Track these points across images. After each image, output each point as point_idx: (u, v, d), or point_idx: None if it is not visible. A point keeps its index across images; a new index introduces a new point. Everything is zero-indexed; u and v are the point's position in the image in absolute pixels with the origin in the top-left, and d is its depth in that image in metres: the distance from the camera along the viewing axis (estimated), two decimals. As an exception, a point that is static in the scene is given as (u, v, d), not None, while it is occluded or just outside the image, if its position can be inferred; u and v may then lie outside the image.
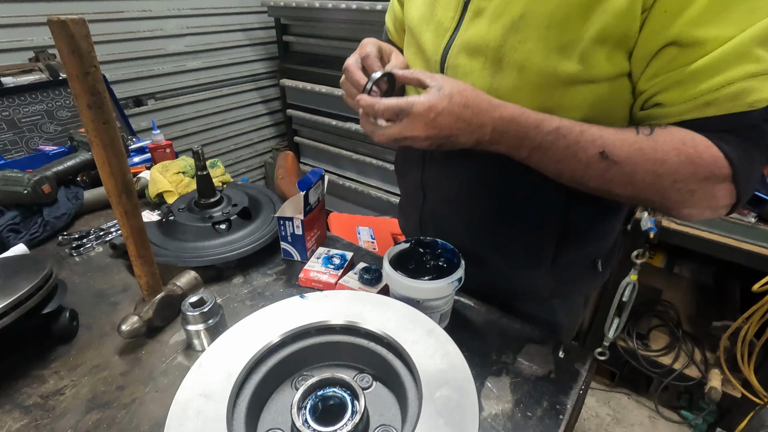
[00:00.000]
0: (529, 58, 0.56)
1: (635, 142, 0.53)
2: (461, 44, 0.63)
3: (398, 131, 0.55)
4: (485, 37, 0.59)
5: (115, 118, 0.57)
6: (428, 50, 0.68)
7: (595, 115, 0.58)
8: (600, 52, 0.53)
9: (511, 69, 0.58)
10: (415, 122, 0.54)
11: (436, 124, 0.54)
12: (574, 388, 0.61)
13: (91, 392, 0.60)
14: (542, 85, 0.57)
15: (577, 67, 0.54)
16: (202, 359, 0.50)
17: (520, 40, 0.56)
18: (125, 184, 0.60)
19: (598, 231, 0.75)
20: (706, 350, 1.68)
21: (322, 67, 2.39)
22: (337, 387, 0.49)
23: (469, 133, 0.55)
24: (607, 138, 0.54)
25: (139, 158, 1.26)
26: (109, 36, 2.01)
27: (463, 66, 0.63)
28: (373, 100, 0.56)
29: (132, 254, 0.65)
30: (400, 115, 0.54)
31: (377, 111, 0.56)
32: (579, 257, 0.77)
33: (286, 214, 0.85)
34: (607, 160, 0.54)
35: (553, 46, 0.55)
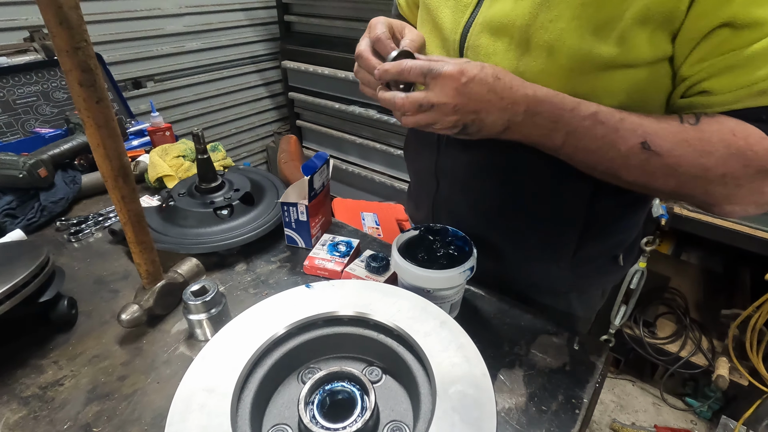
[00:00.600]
0: (561, 39, 0.51)
1: (680, 132, 0.49)
2: (484, 22, 0.57)
3: (424, 96, 0.49)
4: (511, 14, 0.54)
5: (108, 97, 0.54)
6: (446, 28, 0.63)
7: (630, 103, 0.53)
8: (641, 34, 0.48)
9: (539, 51, 0.53)
10: (445, 86, 0.48)
11: (467, 91, 0.48)
12: (591, 382, 0.59)
13: (91, 383, 0.58)
14: (574, 69, 0.52)
15: (614, 50, 0.49)
16: (205, 351, 0.48)
17: (550, 19, 0.51)
18: (122, 167, 0.57)
19: (621, 224, 0.72)
20: (713, 338, 1.66)
21: (325, 48, 2.33)
22: (346, 381, 0.47)
23: (500, 109, 0.50)
24: (649, 127, 0.49)
25: (138, 141, 1.23)
26: (105, 15, 1.96)
27: (486, 47, 0.58)
28: (398, 63, 0.51)
29: (131, 241, 0.62)
30: (429, 76, 0.49)
31: (403, 69, 0.50)
32: (601, 251, 0.74)
33: (290, 199, 0.82)
34: (648, 151, 0.49)
35: (588, 25, 0.49)
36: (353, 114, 2.33)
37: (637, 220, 0.75)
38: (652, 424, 1.68)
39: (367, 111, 2.26)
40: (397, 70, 0.51)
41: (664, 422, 1.69)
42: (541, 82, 0.53)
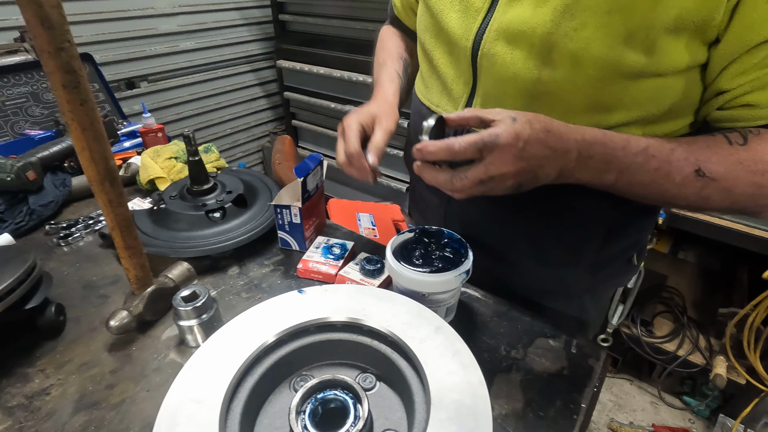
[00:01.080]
0: (587, 48, 0.49)
1: (732, 154, 0.49)
2: (499, 29, 0.55)
3: (484, 171, 0.47)
4: (530, 21, 0.51)
5: (94, 99, 0.52)
6: (455, 34, 0.60)
7: (656, 113, 0.53)
8: (672, 42, 0.47)
9: (563, 60, 0.51)
10: (504, 155, 0.46)
11: (525, 155, 0.46)
12: (589, 386, 0.58)
13: (78, 391, 0.57)
14: (601, 78, 0.50)
15: (644, 59, 0.48)
16: (193, 360, 0.46)
17: (575, 27, 0.49)
18: (108, 170, 0.55)
19: (638, 226, 0.72)
20: (710, 337, 1.66)
21: (321, 48, 2.32)
22: (339, 389, 0.46)
23: (554, 161, 0.48)
24: (701, 153, 0.49)
25: (129, 143, 1.21)
26: (97, 15, 1.93)
27: (503, 55, 0.55)
28: (447, 141, 0.48)
29: (119, 246, 0.61)
30: (485, 150, 0.47)
31: (456, 151, 0.47)
32: (619, 253, 0.73)
33: (283, 201, 0.80)
34: (703, 178, 0.49)
35: (616, 34, 0.48)
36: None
37: (652, 221, 0.75)
38: (650, 423, 1.67)
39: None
40: (450, 153, 0.48)
41: (662, 421, 1.69)
42: (566, 93, 0.52)
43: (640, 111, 0.53)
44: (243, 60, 2.62)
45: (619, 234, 0.70)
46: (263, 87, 2.80)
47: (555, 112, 0.55)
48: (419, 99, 0.75)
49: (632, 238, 0.73)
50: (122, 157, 1.09)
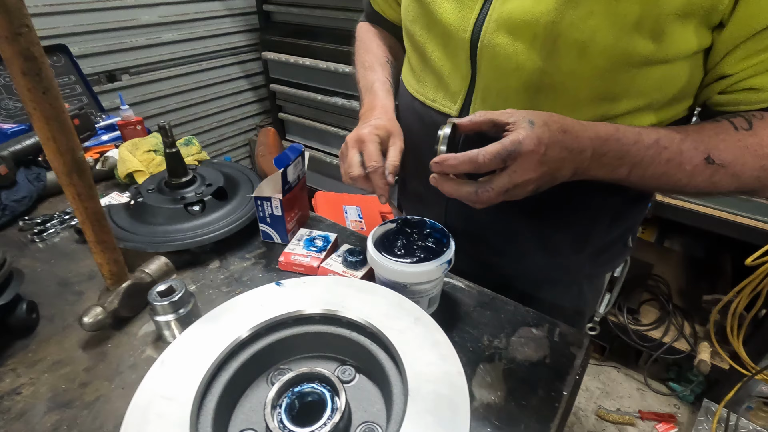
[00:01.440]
0: (594, 38, 0.48)
1: (739, 140, 0.49)
2: (500, 19, 0.53)
3: (508, 180, 0.47)
4: (533, 11, 0.50)
5: (57, 87, 0.50)
6: (450, 25, 0.58)
7: (661, 98, 0.53)
8: (680, 28, 0.47)
9: (569, 49, 0.50)
10: (527, 162, 0.46)
11: (546, 159, 0.46)
12: (571, 374, 0.58)
13: (51, 390, 0.55)
14: (609, 68, 0.50)
15: (652, 46, 0.47)
16: (165, 356, 0.45)
17: (581, 16, 0.48)
18: (75, 162, 0.53)
19: (638, 209, 0.73)
20: (695, 323, 1.68)
21: (306, 39, 2.28)
22: (316, 382, 0.45)
23: (570, 161, 0.48)
24: (710, 141, 0.50)
25: (107, 136, 1.18)
26: (74, 5, 1.87)
27: (504, 46, 0.53)
28: (469, 154, 0.47)
29: (90, 240, 0.59)
30: (509, 159, 0.46)
31: (481, 164, 0.46)
32: (616, 237, 0.74)
33: (264, 193, 0.79)
34: (713, 165, 0.50)
35: (624, 21, 0.47)
36: (336, 105, 2.29)
37: (647, 203, 0.76)
38: (637, 409, 1.70)
39: (350, 102, 2.22)
40: (474, 165, 0.47)
41: (648, 407, 1.71)
42: (571, 84, 0.51)
43: (646, 99, 0.53)
44: (227, 52, 2.57)
45: (621, 219, 0.71)
46: (249, 79, 2.75)
47: (560, 104, 0.55)
48: (411, 94, 0.72)
49: (631, 220, 0.74)
50: (100, 151, 1.06)
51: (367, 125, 0.64)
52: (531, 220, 0.69)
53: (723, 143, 0.50)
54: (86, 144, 1.12)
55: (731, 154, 0.50)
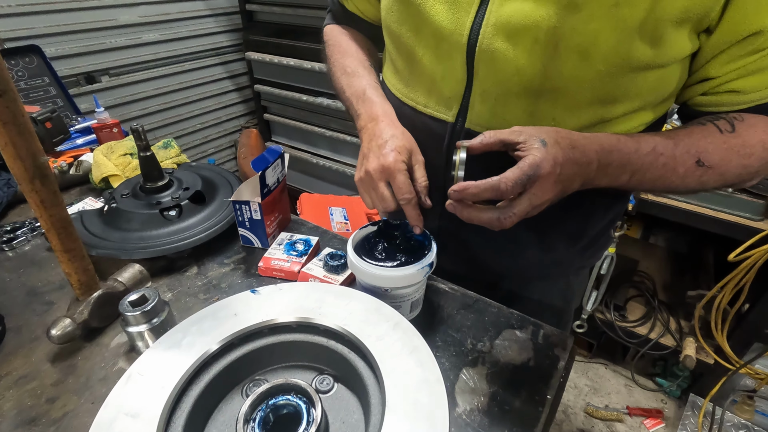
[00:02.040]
0: (596, 42, 0.48)
1: (724, 142, 0.52)
2: (498, 24, 0.52)
3: (528, 203, 0.47)
4: (532, 15, 0.49)
5: (15, 89, 0.47)
6: (443, 28, 0.56)
7: (652, 100, 0.55)
8: (676, 33, 0.48)
9: (570, 54, 0.50)
10: (545, 184, 0.46)
11: (561, 178, 0.47)
12: (555, 376, 0.57)
13: (15, 407, 0.53)
14: (610, 72, 0.50)
15: (651, 51, 0.49)
16: (132, 370, 0.43)
17: (582, 20, 0.48)
18: (37, 167, 0.51)
19: (620, 201, 0.74)
20: (680, 319, 1.70)
21: (290, 39, 2.25)
22: (292, 394, 0.43)
23: (580, 175, 0.49)
24: (699, 144, 0.52)
25: (82, 140, 1.14)
26: (49, 5, 1.82)
27: (504, 51, 0.53)
28: (491, 182, 0.46)
29: (57, 249, 0.57)
30: (528, 184, 0.46)
31: (503, 191, 0.46)
32: (603, 228, 0.75)
33: (243, 197, 0.77)
34: (702, 167, 0.53)
35: (624, 26, 0.47)
36: (321, 106, 2.27)
37: (629, 195, 0.78)
38: (625, 405, 1.71)
39: (336, 102, 2.20)
40: (496, 193, 0.46)
41: (636, 403, 1.73)
42: (573, 87, 0.52)
43: (641, 101, 0.55)
44: (211, 52, 2.53)
45: (610, 210, 0.72)
46: (233, 80, 2.71)
47: (559, 107, 0.56)
48: (399, 98, 0.70)
49: (617, 209, 0.75)
50: (74, 155, 1.03)
51: (386, 149, 0.58)
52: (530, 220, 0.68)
53: (711, 146, 0.53)
54: (60, 147, 1.08)
55: (718, 156, 0.53)
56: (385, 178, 0.57)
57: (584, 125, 0.57)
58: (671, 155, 0.52)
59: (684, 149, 0.53)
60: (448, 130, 0.63)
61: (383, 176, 0.57)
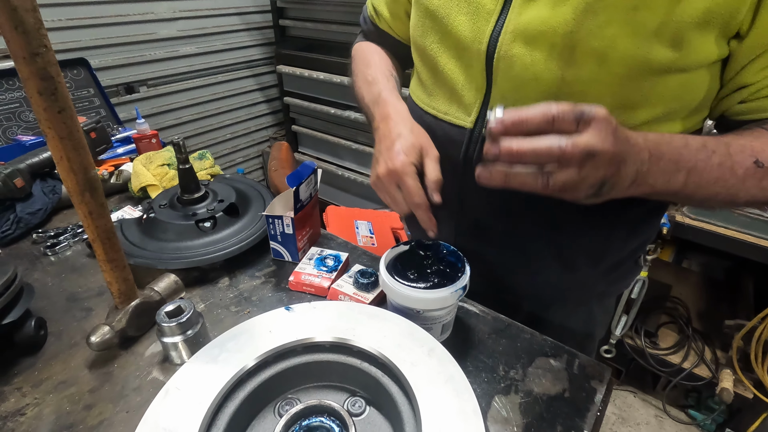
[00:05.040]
0: (614, 46, 0.48)
1: None
2: (516, 30, 0.53)
3: (589, 141, 0.39)
4: (550, 21, 0.50)
5: (72, 107, 0.50)
6: (465, 37, 0.57)
7: (679, 108, 0.52)
8: (700, 36, 0.46)
9: (588, 58, 0.49)
10: (602, 130, 0.40)
11: (619, 137, 0.41)
12: (591, 410, 0.55)
13: (54, 412, 0.54)
14: (628, 76, 0.49)
15: (671, 54, 0.47)
16: (170, 385, 0.44)
17: (599, 25, 0.47)
18: (88, 180, 0.53)
19: (651, 223, 0.71)
20: (716, 349, 1.62)
21: (321, 53, 2.30)
22: (325, 416, 0.43)
23: (633, 157, 0.44)
24: (754, 145, 0.49)
25: (123, 149, 1.19)
26: (96, 20, 1.92)
27: (522, 57, 0.53)
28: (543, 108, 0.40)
29: (100, 259, 0.58)
30: (582, 121, 0.40)
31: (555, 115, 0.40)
32: (630, 253, 0.72)
33: (276, 211, 0.78)
34: (762, 169, 0.49)
35: (642, 30, 0.46)
36: (349, 119, 2.30)
37: (658, 222, 0.74)
38: (655, 437, 1.63)
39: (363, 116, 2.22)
40: (545, 118, 0.40)
41: (666, 435, 1.65)
42: (592, 92, 0.51)
43: (664, 108, 0.53)
44: (243, 65, 2.61)
45: (637, 232, 0.69)
46: (263, 92, 2.79)
47: None
48: (421, 108, 0.71)
49: (645, 235, 0.72)
50: (114, 164, 1.07)
51: (394, 151, 0.57)
52: (548, 233, 0.67)
53: (766, 146, 0.49)
54: (102, 156, 1.13)
55: None
56: (394, 182, 0.56)
57: None
58: (725, 153, 0.48)
59: (738, 149, 0.49)
60: (467, 136, 0.63)
61: (393, 180, 0.56)
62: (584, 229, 0.66)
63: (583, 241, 0.67)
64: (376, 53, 0.81)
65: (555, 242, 0.68)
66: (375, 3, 0.80)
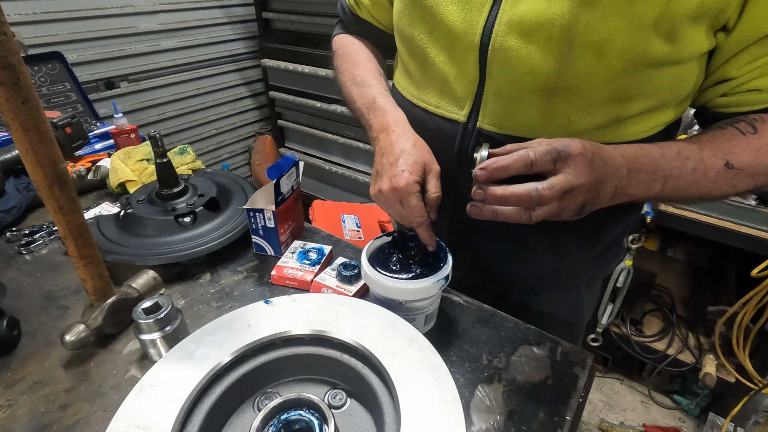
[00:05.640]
0: (611, 38, 0.48)
1: (749, 143, 0.51)
2: (511, 22, 0.52)
3: (566, 180, 0.44)
4: (546, 13, 0.49)
5: (37, 97, 0.48)
6: (457, 29, 0.56)
7: (669, 100, 0.54)
8: (692, 29, 0.47)
9: (585, 51, 0.49)
10: (578, 164, 0.44)
11: (594, 166, 0.45)
12: (574, 396, 0.55)
13: (29, 413, 0.53)
14: (625, 69, 0.50)
15: (667, 47, 0.48)
16: (144, 381, 0.43)
17: (596, 18, 0.47)
18: (57, 174, 0.51)
19: (635, 209, 0.73)
20: (700, 335, 1.65)
21: (306, 46, 2.28)
22: (304, 409, 0.42)
23: (612, 177, 0.47)
24: (725, 147, 0.51)
25: (101, 145, 1.16)
26: (73, 13, 1.87)
27: (517, 49, 0.52)
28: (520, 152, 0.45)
29: (72, 255, 0.57)
30: (559, 160, 0.44)
31: (533, 160, 0.44)
32: (616, 237, 0.73)
33: (257, 205, 0.77)
34: (732, 170, 0.51)
35: (640, 23, 0.47)
36: (335, 113, 2.28)
37: (641, 204, 0.77)
38: (641, 423, 1.66)
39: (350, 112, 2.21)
40: (526, 163, 0.45)
41: (652, 421, 1.68)
42: (588, 85, 0.51)
43: (657, 99, 0.54)
44: (227, 59, 2.56)
45: (627, 216, 0.71)
46: (248, 86, 2.75)
47: (574, 106, 0.55)
48: (410, 101, 0.69)
49: (631, 216, 0.73)
50: (92, 160, 1.04)
51: (397, 169, 0.56)
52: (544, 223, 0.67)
53: (737, 148, 0.52)
54: (79, 152, 1.10)
55: (747, 157, 0.51)
56: (398, 199, 0.56)
57: (599, 124, 0.56)
58: (698, 159, 0.51)
59: (710, 153, 0.51)
60: (460, 130, 0.63)
61: (396, 197, 0.56)
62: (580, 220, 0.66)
63: (577, 229, 0.67)
64: (362, 51, 0.79)
65: (551, 232, 0.67)
66: None
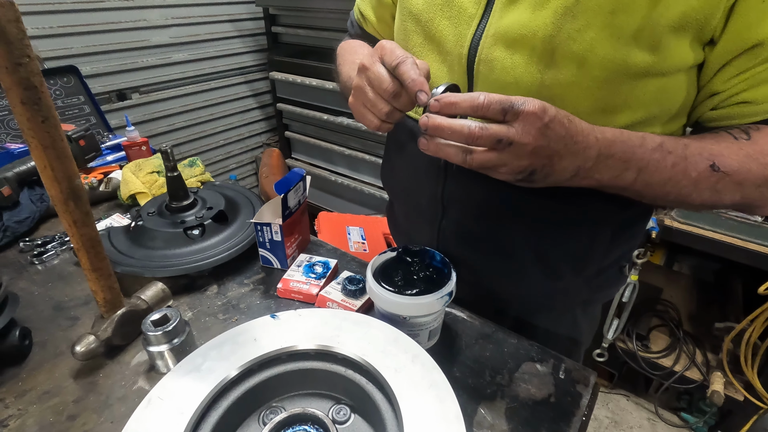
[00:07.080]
0: (593, 50, 0.48)
1: (740, 148, 0.49)
2: (497, 34, 0.53)
3: (506, 132, 0.43)
4: (529, 25, 0.50)
5: (56, 115, 0.50)
6: (447, 41, 0.58)
7: (658, 113, 0.53)
8: (676, 40, 0.47)
9: (567, 62, 0.50)
10: (527, 124, 0.43)
11: (548, 133, 0.43)
12: (576, 415, 0.55)
13: (37, 423, 0.54)
14: (608, 79, 0.50)
15: (649, 58, 0.48)
16: (152, 394, 0.43)
17: (578, 29, 0.48)
18: (72, 189, 0.53)
19: (635, 231, 0.71)
20: (707, 351, 1.63)
21: (313, 60, 2.31)
22: (309, 424, 0.43)
23: (572, 154, 0.46)
24: (713, 149, 0.49)
25: (112, 156, 1.19)
26: (87, 27, 1.92)
27: (502, 60, 0.53)
28: (470, 94, 0.44)
29: (85, 267, 0.58)
30: (510, 113, 0.43)
31: (481, 104, 0.43)
32: (613, 260, 0.72)
33: (264, 218, 0.78)
34: (718, 173, 0.49)
35: (620, 33, 0.47)
36: (341, 125, 2.30)
37: (643, 228, 0.74)
38: (648, 440, 1.64)
39: (356, 122, 2.23)
40: (472, 105, 0.43)
41: (659, 438, 1.65)
42: (571, 95, 0.51)
43: (644, 112, 0.53)
44: (236, 71, 2.61)
45: (620, 239, 0.69)
46: (256, 98, 2.79)
47: None
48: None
49: (627, 244, 0.72)
50: (104, 171, 1.07)
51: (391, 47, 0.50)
52: (529, 239, 0.67)
53: (726, 150, 0.50)
54: (91, 164, 1.12)
55: (735, 162, 0.49)
56: (366, 80, 0.52)
57: None
58: (681, 155, 0.49)
59: (696, 151, 0.49)
60: None
61: (363, 76, 0.52)
62: (566, 235, 0.66)
63: (565, 248, 0.67)
64: (364, 46, 0.81)
65: (537, 248, 0.68)
66: (361, 7, 0.81)
